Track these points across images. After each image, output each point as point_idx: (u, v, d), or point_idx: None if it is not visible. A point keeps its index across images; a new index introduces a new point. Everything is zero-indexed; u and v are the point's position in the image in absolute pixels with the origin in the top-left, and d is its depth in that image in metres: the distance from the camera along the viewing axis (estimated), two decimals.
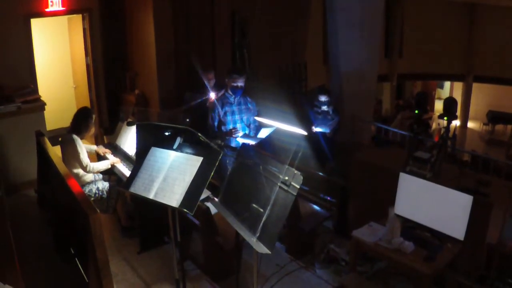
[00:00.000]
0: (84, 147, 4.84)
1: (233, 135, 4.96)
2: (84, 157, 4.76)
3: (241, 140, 4.95)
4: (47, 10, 6.88)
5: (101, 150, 5.28)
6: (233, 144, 5.03)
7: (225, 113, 5.01)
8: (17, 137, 6.00)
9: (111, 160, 5.06)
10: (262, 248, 2.86)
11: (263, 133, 5.00)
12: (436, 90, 17.52)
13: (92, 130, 5.00)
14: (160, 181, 3.37)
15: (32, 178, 5.80)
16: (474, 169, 5.61)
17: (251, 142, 4.81)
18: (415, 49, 13.79)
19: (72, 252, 4.22)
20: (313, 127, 5.86)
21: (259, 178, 3.15)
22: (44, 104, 6.41)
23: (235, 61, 8.11)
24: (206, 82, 6.02)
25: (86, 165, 4.76)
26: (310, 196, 5.31)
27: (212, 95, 5.65)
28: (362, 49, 7.36)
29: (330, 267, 4.58)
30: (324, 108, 6.02)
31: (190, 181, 3.24)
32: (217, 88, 5.97)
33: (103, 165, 4.96)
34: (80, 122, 4.85)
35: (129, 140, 5.27)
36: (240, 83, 4.92)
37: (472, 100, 14.97)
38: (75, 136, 4.77)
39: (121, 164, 5.08)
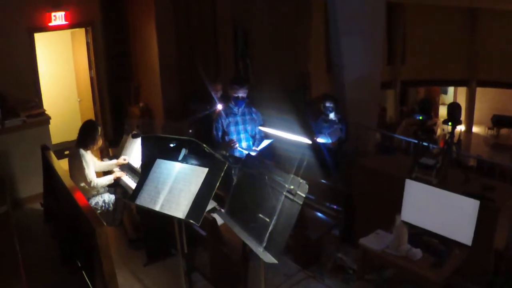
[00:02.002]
0: (91, 163, 4.84)
1: (232, 147, 4.93)
2: (90, 173, 4.76)
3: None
4: (50, 24, 6.96)
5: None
6: (237, 154, 5.03)
7: (228, 124, 4.99)
8: (23, 151, 6.04)
9: (115, 174, 5.07)
10: (269, 258, 2.85)
11: (262, 145, 4.99)
12: (440, 95, 17.51)
13: (99, 143, 4.99)
14: (166, 192, 3.37)
15: (38, 192, 5.82)
16: (479, 174, 5.58)
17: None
18: (418, 55, 13.76)
19: (79, 265, 4.23)
20: (315, 138, 5.85)
21: (264, 188, 3.14)
22: (49, 118, 6.45)
23: (238, 71, 8.14)
24: (213, 94, 6.02)
25: (91, 181, 4.77)
26: (316, 205, 5.29)
27: (219, 107, 5.66)
28: (365, 56, 7.38)
29: (337, 276, 4.55)
30: (332, 116, 6.01)
31: (196, 192, 3.24)
32: (224, 99, 5.98)
33: (107, 180, 4.96)
34: (86, 135, 4.85)
35: (134, 152, 5.28)
36: (241, 93, 4.91)
37: (476, 104, 14.92)
38: (82, 151, 4.78)
39: (126, 176, 5.09)
